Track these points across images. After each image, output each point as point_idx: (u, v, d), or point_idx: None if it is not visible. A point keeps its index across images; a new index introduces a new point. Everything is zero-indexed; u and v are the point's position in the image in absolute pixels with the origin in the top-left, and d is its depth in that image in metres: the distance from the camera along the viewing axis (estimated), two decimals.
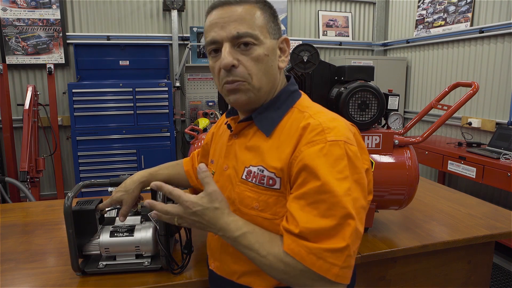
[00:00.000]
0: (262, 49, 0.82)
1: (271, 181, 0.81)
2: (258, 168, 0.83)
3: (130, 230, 1.18)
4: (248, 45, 0.81)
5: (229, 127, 0.95)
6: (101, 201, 1.23)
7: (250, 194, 0.84)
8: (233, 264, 0.91)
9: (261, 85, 0.84)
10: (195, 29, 4.43)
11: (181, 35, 4.47)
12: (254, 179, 0.84)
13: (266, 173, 0.82)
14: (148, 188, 1.23)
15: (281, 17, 4.70)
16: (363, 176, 0.78)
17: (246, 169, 0.85)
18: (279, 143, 0.83)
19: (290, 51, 0.95)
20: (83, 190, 1.19)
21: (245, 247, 0.78)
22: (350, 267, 0.73)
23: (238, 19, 0.80)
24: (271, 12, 0.86)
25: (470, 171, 3.06)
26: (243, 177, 0.86)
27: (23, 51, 4.01)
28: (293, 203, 0.76)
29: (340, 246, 0.71)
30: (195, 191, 1.27)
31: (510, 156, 2.90)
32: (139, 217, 1.26)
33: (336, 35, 5.04)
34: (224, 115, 1.09)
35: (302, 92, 0.95)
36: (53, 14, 4.05)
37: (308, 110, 0.85)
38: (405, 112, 4.80)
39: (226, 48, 0.81)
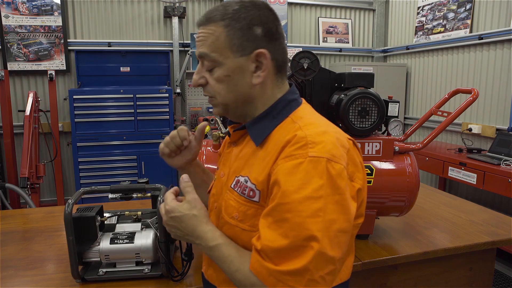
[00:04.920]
0: (222, 70, 0.82)
1: (251, 193, 0.80)
2: (244, 179, 0.83)
3: (130, 237, 1.18)
4: (210, 66, 0.83)
5: (228, 134, 0.96)
6: (101, 208, 1.23)
7: (232, 203, 0.84)
8: (215, 270, 0.91)
9: (227, 102, 0.85)
10: (195, 36, 4.45)
11: (181, 41, 4.49)
12: (239, 188, 0.83)
13: (249, 184, 0.81)
14: (148, 195, 1.24)
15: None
16: (346, 197, 0.73)
17: (236, 178, 0.85)
18: (266, 154, 0.81)
19: (291, 58, 0.93)
20: (83, 196, 1.19)
21: (218, 258, 0.79)
22: None
23: (202, 40, 0.83)
24: (242, 26, 0.80)
25: (470, 177, 3.06)
26: (232, 185, 0.86)
27: (24, 58, 4.03)
28: (262, 218, 0.75)
29: (297, 267, 0.67)
30: None
31: (510, 162, 2.89)
32: (139, 224, 1.26)
33: (336, 42, 5.06)
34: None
35: (303, 100, 0.91)
36: (55, 21, 4.07)
37: (300, 121, 0.81)
38: (405, 118, 4.80)
39: (197, 67, 0.86)
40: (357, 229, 0.85)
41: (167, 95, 3.97)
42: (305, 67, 1.29)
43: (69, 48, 4.17)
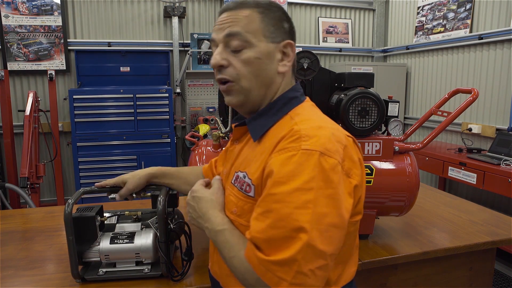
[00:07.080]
0: (253, 52, 0.83)
1: (247, 188, 0.82)
2: (243, 174, 0.84)
3: (130, 236, 1.18)
4: (239, 47, 0.83)
5: (231, 131, 0.99)
6: (101, 208, 1.23)
7: (232, 198, 0.86)
8: (220, 267, 0.93)
9: (251, 87, 0.85)
10: (195, 36, 4.45)
11: (181, 41, 4.49)
12: (238, 184, 0.85)
13: (246, 179, 0.83)
14: (148, 195, 1.24)
15: None
16: (339, 192, 0.72)
17: (235, 174, 0.87)
18: (263, 150, 0.82)
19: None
20: (83, 196, 1.19)
21: (221, 243, 0.81)
22: (304, 286, 0.68)
23: (233, 21, 0.84)
24: (275, 16, 0.85)
25: (470, 177, 3.06)
26: (232, 181, 0.88)
27: (24, 58, 4.03)
28: (254, 209, 0.76)
29: (284, 257, 0.68)
30: None
31: (510, 162, 2.89)
32: (139, 224, 1.26)
33: (336, 42, 5.06)
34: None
35: (307, 98, 0.92)
36: (55, 20, 4.07)
37: (297, 118, 0.82)
38: (405, 118, 4.80)
39: (218, 49, 0.85)
40: (355, 227, 0.84)
41: (167, 95, 3.97)
42: (305, 67, 1.30)
43: (69, 48, 4.17)
